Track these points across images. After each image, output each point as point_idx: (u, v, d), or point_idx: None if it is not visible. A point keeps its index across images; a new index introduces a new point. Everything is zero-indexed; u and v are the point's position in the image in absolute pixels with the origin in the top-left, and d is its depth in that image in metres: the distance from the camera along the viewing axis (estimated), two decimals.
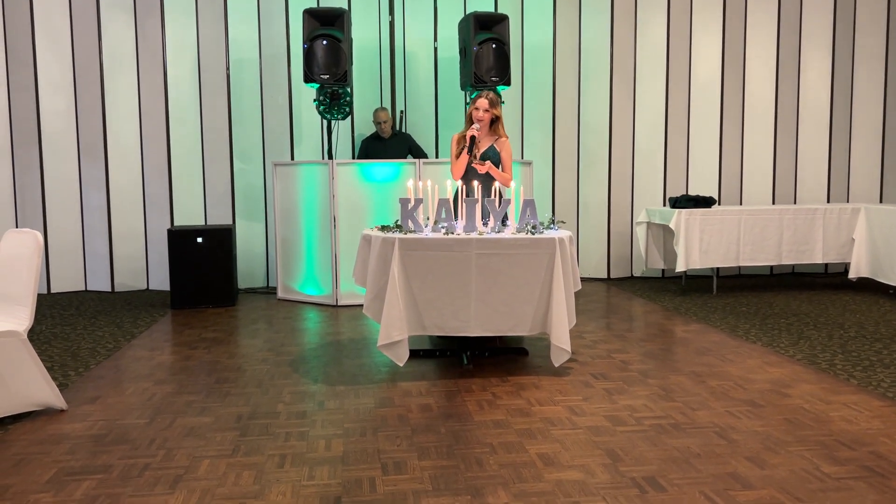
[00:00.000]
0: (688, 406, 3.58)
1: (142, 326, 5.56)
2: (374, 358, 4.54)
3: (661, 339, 5.06)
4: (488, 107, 4.67)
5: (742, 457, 2.95)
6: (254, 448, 3.09)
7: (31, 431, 3.30)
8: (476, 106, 4.68)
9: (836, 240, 6.82)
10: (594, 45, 7.48)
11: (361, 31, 7.19)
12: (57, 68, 6.95)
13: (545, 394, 3.80)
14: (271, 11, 7.18)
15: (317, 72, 6.27)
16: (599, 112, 7.52)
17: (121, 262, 7.12)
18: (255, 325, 5.59)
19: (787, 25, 7.63)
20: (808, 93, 7.74)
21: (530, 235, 4.11)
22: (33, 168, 6.95)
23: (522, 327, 4.14)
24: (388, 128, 6.91)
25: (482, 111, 4.66)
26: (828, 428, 3.26)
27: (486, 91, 4.82)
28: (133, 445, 3.13)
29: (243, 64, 7.19)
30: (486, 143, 4.76)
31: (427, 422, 3.39)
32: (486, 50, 6.46)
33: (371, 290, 4.22)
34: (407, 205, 4.21)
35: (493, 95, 4.73)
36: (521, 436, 3.19)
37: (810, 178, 7.81)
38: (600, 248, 7.67)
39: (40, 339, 5.10)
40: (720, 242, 6.63)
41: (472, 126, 4.66)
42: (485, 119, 4.68)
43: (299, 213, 6.56)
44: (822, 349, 4.68)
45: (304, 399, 3.75)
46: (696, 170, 7.65)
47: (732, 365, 4.32)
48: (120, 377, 4.20)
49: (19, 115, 6.91)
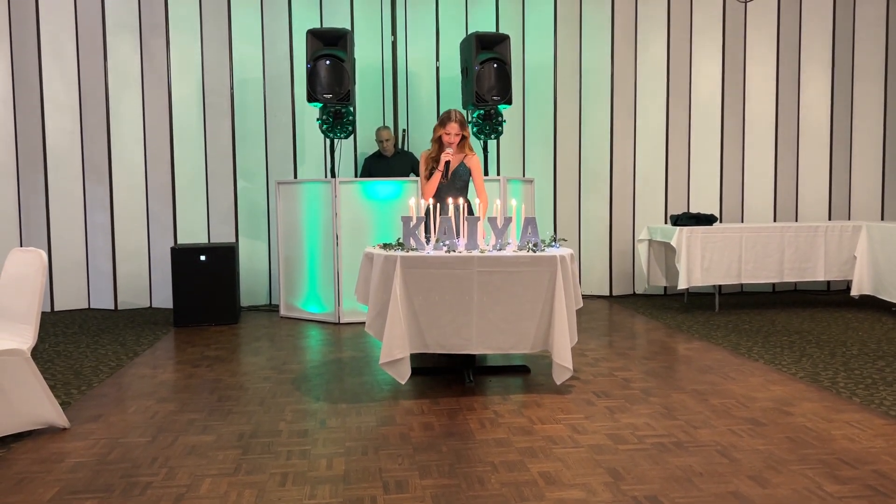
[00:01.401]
0: (690, 424, 3.57)
1: (144, 344, 5.57)
2: (376, 376, 4.54)
3: (663, 357, 5.06)
4: (459, 130, 4.78)
5: (744, 476, 2.94)
6: (255, 467, 3.09)
7: (34, 450, 3.30)
8: (447, 131, 4.76)
9: (838, 257, 6.82)
10: (595, 63, 7.54)
11: (364, 51, 7.26)
12: (63, 89, 7.02)
13: (547, 412, 3.79)
14: (275, 32, 7.26)
15: (320, 91, 6.33)
16: (600, 130, 7.57)
17: (124, 281, 7.15)
18: (257, 343, 5.60)
19: (786, 43, 7.68)
20: (808, 110, 7.78)
21: (532, 253, 4.13)
22: (38, 188, 7.00)
23: (524, 345, 4.14)
24: (390, 146, 6.96)
25: (453, 135, 4.76)
26: (830, 446, 3.25)
27: (453, 111, 4.87)
28: (135, 464, 3.13)
29: (247, 84, 7.26)
30: (456, 161, 4.87)
31: (429, 440, 3.39)
32: (487, 69, 6.52)
33: (373, 308, 4.23)
34: (409, 223, 4.24)
35: (461, 115, 4.84)
36: (523, 454, 3.19)
37: (811, 195, 7.83)
38: (602, 266, 7.68)
39: (44, 357, 5.11)
40: (722, 260, 6.63)
41: (446, 151, 4.76)
42: (456, 141, 4.77)
43: (302, 231, 6.59)
44: (824, 367, 4.67)
45: (306, 417, 3.75)
46: (698, 187, 7.68)
47: (735, 383, 4.31)
48: (122, 395, 4.21)
49: (25, 136, 6.97)
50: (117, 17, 7.04)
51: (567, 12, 7.51)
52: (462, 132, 4.79)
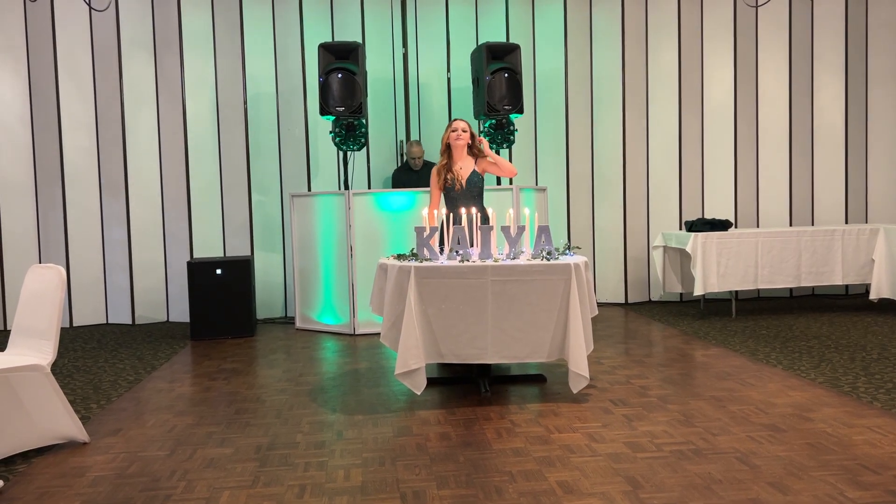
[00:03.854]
0: (708, 431, 3.54)
1: (162, 358, 5.61)
2: (392, 387, 4.55)
3: (680, 364, 5.03)
4: (467, 126, 4.80)
5: (765, 482, 2.91)
6: (273, 479, 3.10)
7: (54, 464, 3.33)
8: (454, 128, 4.79)
9: (856, 261, 6.75)
10: (606, 71, 7.54)
11: (376, 63, 7.31)
12: (80, 107, 7.11)
13: (564, 421, 3.78)
14: (287, 47, 7.33)
15: (332, 104, 6.38)
16: (612, 137, 7.56)
17: (141, 295, 7.21)
18: (273, 356, 5.62)
19: (798, 48, 7.65)
20: (822, 114, 7.73)
21: (545, 261, 4.12)
22: (56, 204, 7.09)
23: (540, 354, 4.13)
24: (420, 162, 7.00)
25: (460, 131, 4.77)
26: (852, 452, 3.21)
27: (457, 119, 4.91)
28: (154, 477, 3.15)
29: (260, 98, 7.33)
30: (468, 168, 4.83)
31: (446, 450, 3.38)
32: (498, 79, 6.54)
33: (388, 319, 4.24)
34: (422, 233, 4.25)
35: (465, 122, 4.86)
36: (541, 464, 3.18)
37: (827, 199, 7.77)
38: (617, 273, 7.66)
39: (63, 372, 5.16)
40: (738, 265, 6.59)
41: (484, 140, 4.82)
42: (463, 138, 4.78)
43: (316, 243, 6.63)
44: (844, 372, 4.62)
45: (323, 429, 3.76)
46: (712, 193, 7.65)
47: (753, 389, 4.28)
48: (141, 409, 4.24)
49: (43, 153, 7.06)
50: (131, 35, 7.13)
51: (577, 20, 7.53)
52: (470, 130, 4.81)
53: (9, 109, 6.99)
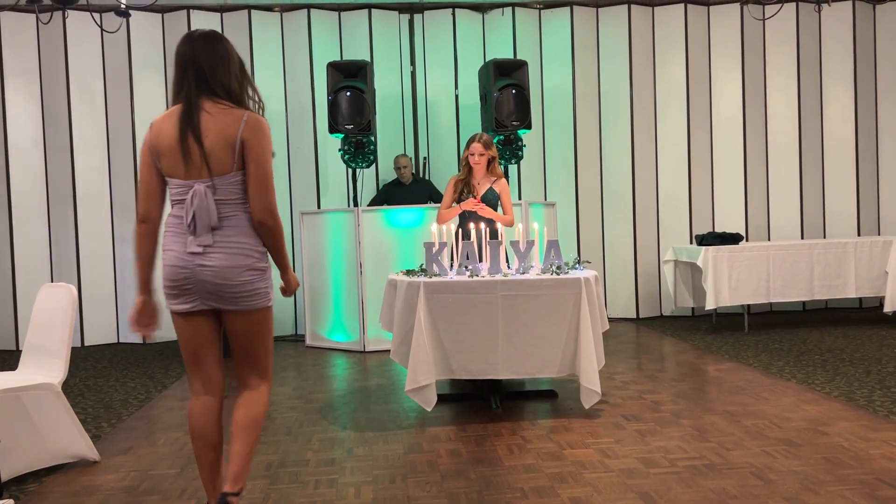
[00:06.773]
0: (722, 446, 3.50)
1: (172, 377, 5.61)
2: (403, 403, 4.53)
3: (693, 379, 4.98)
4: (483, 150, 4.71)
5: (780, 497, 2.87)
6: (284, 496, 3.08)
7: (65, 483, 3.33)
8: (471, 151, 4.72)
9: (869, 273, 6.69)
10: (613, 86, 7.56)
11: (384, 81, 7.35)
12: (92, 128, 7.18)
13: (576, 436, 3.75)
14: (296, 66, 7.39)
15: (341, 122, 6.42)
16: (621, 152, 7.56)
17: None
18: (284, 373, 5.62)
19: (807, 61, 7.64)
20: (831, 126, 7.70)
21: (555, 276, 4.11)
22: (68, 224, 7.14)
23: (551, 369, 4.10)
24: (407, 173, 7.00)
25: (477, 155, 4.70)
26: (868, 466, 3.16)
27: (478, 134, 4.84)
28: (164, 496, 3.14)
29: (270, 116, 7.26)
30: (485, 186, 4.78)
31: (457, 467, 3.36)
32: (506, 95, 6.56)
33: (398, 335, 4.23)
34: (431, 249, 4.25)
35: (487, 137, 4.80)
36: (553, 480, 3.15)
37: (839, 212, 7.72)
38: (628, 288, 7.62)
39: (74, 391, 5.17)
40: (749, 279, 6.54)
41: (470, 199, 4.69)
42: (481, 162, 4.73)
43: (326, 260, 6.64)
44: (859, 385, 4.57)
45: (334, 446, 3.75)
46: (722, 206, 7.62)
47: (767, 403, 4.23)
48: (152, 428, 4.24)
49: (55, 174, 7.13)
50: (142, 56, 7.21)
51: (584, 36, 7.55)
52: (488, 153, 4.74)
53: (23, 132, 7.07)
